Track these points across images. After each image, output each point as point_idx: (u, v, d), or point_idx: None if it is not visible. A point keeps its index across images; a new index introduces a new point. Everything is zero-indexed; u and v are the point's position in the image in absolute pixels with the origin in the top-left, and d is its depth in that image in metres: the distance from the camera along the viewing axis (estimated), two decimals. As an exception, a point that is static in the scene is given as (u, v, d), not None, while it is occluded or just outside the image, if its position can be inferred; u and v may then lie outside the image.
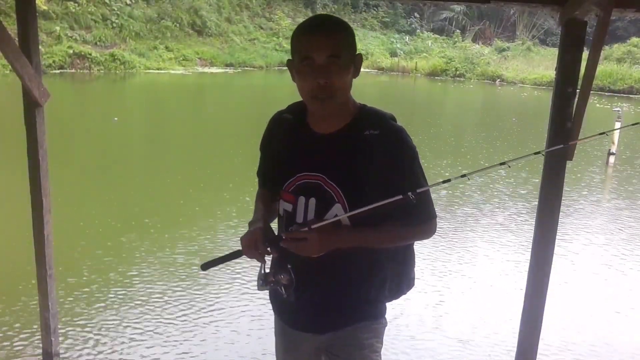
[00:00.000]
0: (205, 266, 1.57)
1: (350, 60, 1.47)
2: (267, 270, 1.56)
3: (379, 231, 1.51)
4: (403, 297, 1.69)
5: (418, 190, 1.46)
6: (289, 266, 1.52)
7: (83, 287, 4.17)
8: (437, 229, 1.60)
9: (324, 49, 1.42)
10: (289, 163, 1.58)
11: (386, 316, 1.69)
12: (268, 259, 1.55)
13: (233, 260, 1.56)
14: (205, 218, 6.01)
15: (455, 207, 6.75)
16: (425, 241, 1.66)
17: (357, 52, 1.52)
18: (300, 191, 1.55)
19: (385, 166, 1.48)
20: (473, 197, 7.23)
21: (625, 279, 4.96)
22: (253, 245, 1.48)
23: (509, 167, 1.77)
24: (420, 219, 1.54)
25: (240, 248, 1.53)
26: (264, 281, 1.54)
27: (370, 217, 1.46)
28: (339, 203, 1.50)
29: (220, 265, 1.57)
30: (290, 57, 1.52)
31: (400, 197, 1.42)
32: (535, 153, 2.04)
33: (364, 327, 1.61)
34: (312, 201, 1.53)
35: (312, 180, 1.53)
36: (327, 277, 1.56)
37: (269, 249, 1.48)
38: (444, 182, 1.62)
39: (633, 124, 2.50)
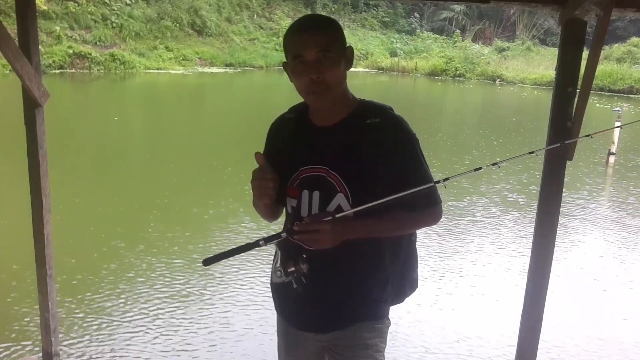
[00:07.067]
0: (208, 261, 1.49)
1: (340, 53, 1.51)
2: (279, 264, 1.49)
3: (385, 219, 1.52)
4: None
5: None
6: (304, 256, 1.49)
7: (83, 287, 4.17)
8: (434, 228, 1.60)
9: (312, 45, 1.47)
10: (293, 159, 1.60)
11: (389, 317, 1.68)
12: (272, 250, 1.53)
13: (236, 261, 1.55)
14: (206, 218, 6.01)
15: (454, 206, 6.75)
16: (421, 242, 1.66)
17: (347, 45, 1.55)
18: (304, 185, 1.56)
19: (387, 153, 1.50)
20: (472, 196, 7.23)
21: (626, 279, 4.96)
22: (261, 176, 1.48)
23: (499, 166, 1.77)
24: (425, 204, 1.55)
25: (243, 244, 1.50)
26: (282, 272, 1.48)
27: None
28: (341, 192, 1.51)
29: (222, 265, 1.57)
30: (285, 59, 1.56)
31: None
32: (530, 152, 2.03)
33: (367, 327, 1.60)
34: (316, 194, 1.54)
35: (315, 173, 1.55)
36: (331, 274, 1.57)
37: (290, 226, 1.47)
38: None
39: (630, 123, 2.49)
